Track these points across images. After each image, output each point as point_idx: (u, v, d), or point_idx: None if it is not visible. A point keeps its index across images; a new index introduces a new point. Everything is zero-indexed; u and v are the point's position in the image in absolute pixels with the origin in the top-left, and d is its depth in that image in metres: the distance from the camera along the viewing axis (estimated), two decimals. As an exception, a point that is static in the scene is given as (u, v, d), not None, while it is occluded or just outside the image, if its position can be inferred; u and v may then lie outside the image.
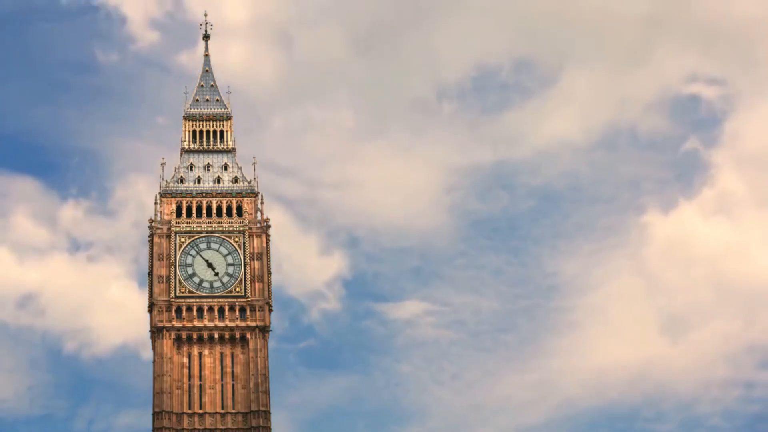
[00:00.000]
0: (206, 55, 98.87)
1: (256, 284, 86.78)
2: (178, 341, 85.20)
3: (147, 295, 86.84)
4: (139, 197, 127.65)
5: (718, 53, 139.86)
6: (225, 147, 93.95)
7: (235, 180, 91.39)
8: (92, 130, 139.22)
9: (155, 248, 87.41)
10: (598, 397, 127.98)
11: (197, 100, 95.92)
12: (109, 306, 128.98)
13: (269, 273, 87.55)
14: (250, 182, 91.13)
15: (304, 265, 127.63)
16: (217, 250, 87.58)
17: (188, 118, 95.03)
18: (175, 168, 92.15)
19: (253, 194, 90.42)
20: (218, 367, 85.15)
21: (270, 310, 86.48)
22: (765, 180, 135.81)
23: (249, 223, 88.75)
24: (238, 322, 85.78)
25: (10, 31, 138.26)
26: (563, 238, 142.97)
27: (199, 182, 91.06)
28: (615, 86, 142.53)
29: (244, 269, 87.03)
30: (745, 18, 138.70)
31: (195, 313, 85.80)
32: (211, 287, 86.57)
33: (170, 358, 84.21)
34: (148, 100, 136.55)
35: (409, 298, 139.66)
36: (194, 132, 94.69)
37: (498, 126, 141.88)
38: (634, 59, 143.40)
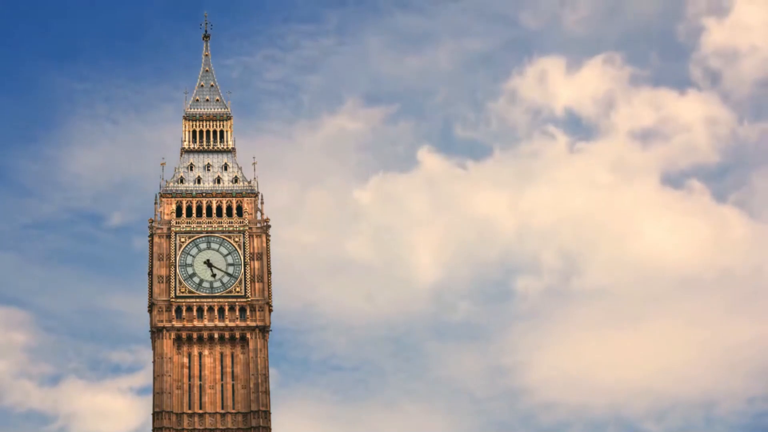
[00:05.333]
0: (206, 55, 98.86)
1: (256, 284, 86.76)
2: (178, 341, 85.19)
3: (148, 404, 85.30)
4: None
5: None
6: (225, 147, 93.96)
7: (235, 180, 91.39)
8: (90, 290, 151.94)
9: (155, 248, 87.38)
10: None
11: (197, 100, 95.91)
12: (111, 414, 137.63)
13: (269, 273, 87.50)
14: (250, 182, 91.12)
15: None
16: (217, 250, 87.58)
17: (188, 118, 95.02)
18: (175, 168, 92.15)
19: (253, 194, 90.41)
20: (218, 367, 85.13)
21: (270, 310, 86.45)
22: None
23: (249, 223, 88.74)
24: (238, 322, 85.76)
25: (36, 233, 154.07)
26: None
27: (199, 182, 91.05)
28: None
29: (244, 269, 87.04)
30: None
31: (195, 313, 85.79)
32: (211, 287, 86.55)
33: (170, 358, 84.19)
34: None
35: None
36: (194, 132, 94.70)
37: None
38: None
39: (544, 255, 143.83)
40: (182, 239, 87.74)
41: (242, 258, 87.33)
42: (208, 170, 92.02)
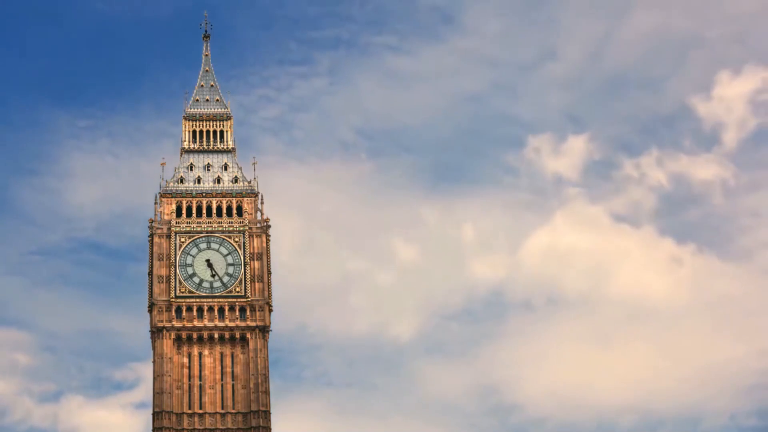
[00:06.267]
0: (206, 55, 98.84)
1: (256, 284, 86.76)
2: (178, 341, 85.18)
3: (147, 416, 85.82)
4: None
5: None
6: (225, 147, 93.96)
7: (235, 180, 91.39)
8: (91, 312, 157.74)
9: (155, 248, 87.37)
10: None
11: (197, 100, 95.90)
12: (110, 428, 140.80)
13: (269, 273, 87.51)
14: (250, 182, 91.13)
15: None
16: (217, 250, 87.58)
17: (188, 118, 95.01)
18: (175, 168, 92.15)
19: (253, 194, 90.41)
20: (218, 367, 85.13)
21: (270, 310, 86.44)
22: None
23: (249, 223, 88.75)
24: (238, 322, 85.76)
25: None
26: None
27: (199, 182, 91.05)
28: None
29: (244, 269, 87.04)
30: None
31: (195, 313, 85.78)
32: (211, 287, 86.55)
33: (170, 358, 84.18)
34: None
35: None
36: (194, 132, 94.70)
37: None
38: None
39: (534, 284, 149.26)
40: (182, 239, 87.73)
41: (242, 258, 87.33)
42: (208, 170, 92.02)
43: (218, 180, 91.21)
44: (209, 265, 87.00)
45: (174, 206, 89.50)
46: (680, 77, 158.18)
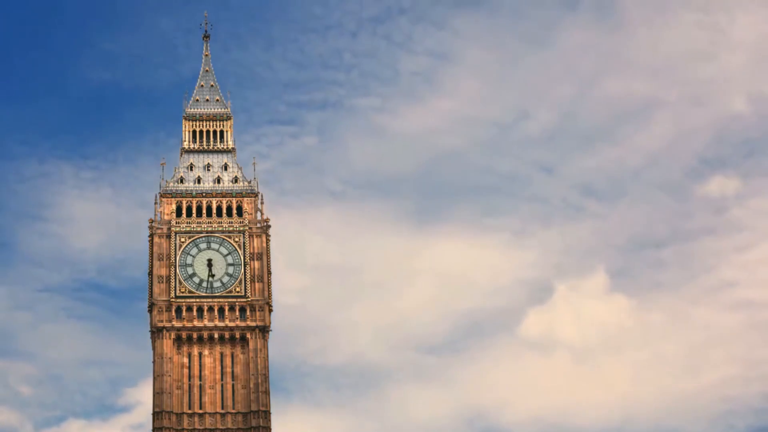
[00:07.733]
0: (206, 55, 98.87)
1: (256, 284, 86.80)
2: (178, 341, 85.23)
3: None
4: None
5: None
6: (225, 147, 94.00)
7: (235, 180, 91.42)
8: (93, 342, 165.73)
9: (155, 248, 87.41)
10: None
11: (197, 100, 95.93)
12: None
13: (269, 273, 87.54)
14: (250, 182, 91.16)
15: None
16: (217, 250, 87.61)
17: (188, 118, 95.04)
18: (175, 168, 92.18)
19: (253, 194, 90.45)
20: (218, 367, 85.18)
21: (270, 310, 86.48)
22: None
23: (249, 223, 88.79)
24: (238, 322, 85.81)
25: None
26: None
27: (199, 182, 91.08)
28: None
29: (244, 269, 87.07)
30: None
31: (195, 313, 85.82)
32: (211, 287, 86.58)
33: (170, 358, 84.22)
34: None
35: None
36: (194, 132, 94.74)
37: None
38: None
39: (516, 309, 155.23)
40: (182, 239, 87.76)
41: (242, 258, 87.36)
42: (208, 170, 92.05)
43: (218, 180, 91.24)
44: (210, 265, 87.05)
45: (174, 206, 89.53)
46: (643, 134, 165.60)
